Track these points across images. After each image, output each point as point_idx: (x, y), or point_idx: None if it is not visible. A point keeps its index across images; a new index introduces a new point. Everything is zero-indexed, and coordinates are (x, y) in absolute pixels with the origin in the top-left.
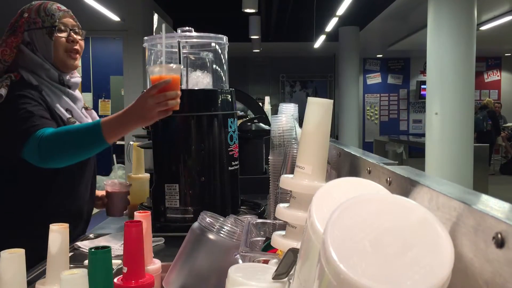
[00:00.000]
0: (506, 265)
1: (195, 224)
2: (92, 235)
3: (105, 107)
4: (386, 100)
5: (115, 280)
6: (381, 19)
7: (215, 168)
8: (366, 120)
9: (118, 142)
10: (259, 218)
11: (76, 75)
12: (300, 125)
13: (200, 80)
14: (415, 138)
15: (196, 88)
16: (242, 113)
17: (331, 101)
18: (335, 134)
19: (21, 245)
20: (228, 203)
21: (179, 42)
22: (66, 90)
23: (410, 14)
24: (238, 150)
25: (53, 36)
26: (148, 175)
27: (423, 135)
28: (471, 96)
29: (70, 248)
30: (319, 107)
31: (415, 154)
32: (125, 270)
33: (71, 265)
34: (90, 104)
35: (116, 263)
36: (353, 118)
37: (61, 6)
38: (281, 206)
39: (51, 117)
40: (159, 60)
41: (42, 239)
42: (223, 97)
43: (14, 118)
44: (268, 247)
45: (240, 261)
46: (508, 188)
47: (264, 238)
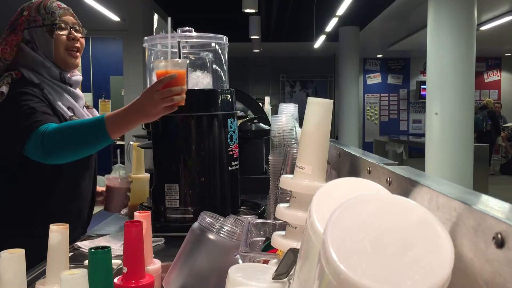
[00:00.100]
0: (506, 265)
1: (195, 224)
2: (92, 235)
3: (105, 107)
4: (386, 100)
5: (115, 280)
6: (381, 19)
7: (215, 168)
8: (366, 120)
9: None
10: (259, 218)
11: (77, 73)
12: (300, 125)
13: (200, 80)
14: (415, 138)
15: (196, 88)
16: (242, 113)
17: (331, 101)
18: (335, 134)
19: (21, 245)
20: (228, 203)
21: (179, 42)
22: (68, 88)
23: (410, 14)
24: (238, 150)
25: (53, 34)
26: (148, 175)
27: (423, 135)
28: (471, 96)
29: (70, 248)
30: (319, 107)
31: (415, 154)
32: (125, 270)
33: (71, 265)
34: (90, 104)
35: (116, 263)
36: (353, 118)
37: (61, 4)
38: (281, 206)
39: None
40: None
41: (42, 239)
42: (223, 97)
43: (17, 114)
44: (268, 247)
45: (240, 261)
46: (508, 188)
47: (264, 238)
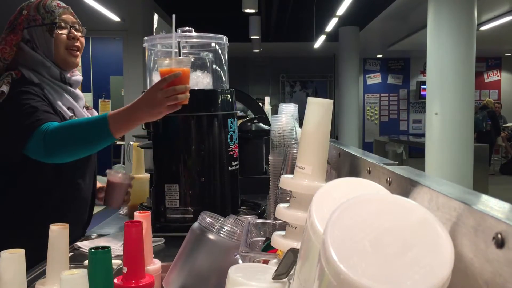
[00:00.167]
0: (506, 265)
1: (195, 224)
2: (92, 235)
3: (105, 107)
4: (386, 100)
5: (115, 280)
6: (381, 19)
7: (215, 168)
8: (366, 120)
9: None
10: (259, 218)
11: (77, 73)
12: (300, 125)
13: (200, 80)
14: (415, 138)
15: (196, 88)
16: (242, 113)
17: (331, 101)
18: (335, 134)
19: (21, 245)
20: (228, 203)
21: (179, 42)
22: (68, 88)
23: (410, 14)
24: (238, 150)
25: (53, 33)
26: (148, 175)
27: (423, 135)
28: (471, 96)
29: (70, 248)
30: (319, 107)
31: (415, 154)
32: (125, 270)
33: (71, 265)
34: (90, 104)
35: (116, 263)
36: (353, 118)
37: (60, 3)
38: (281, 206)
39: None
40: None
41: (42, 239)
42: (223, 97)
43: (18, 113)
44: (268, 247)
45: (240, 261)
46: (508, 188)
47: (264, 238)
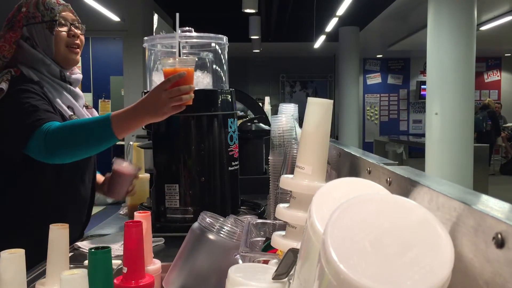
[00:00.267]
0: (506, 265)
1: (195, 224)
2: (92, 235)
3: (105, 107)
4: (386, 100)
5: (115, 280)
6: (381, 19)
7: (215, 168)
8: (366, 120)
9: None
10: (259, 218)
11: (77, 71)
12: (300, 125)
13: (200, 80)
14: (415, 138)
15: (196, 88)
16: (242, 113)
17: (331, 101)
18: (335, 134)
19: (21, 245)
20: (228, 203)
21: (179, 42)
22: (68, 86)
23: (410, 14)
24: (238, 150)
25: (54, 31)
26: (148, 175)
27: (423, 135)
28: (471, 96)
29: (70, 248)
30: (319, 107)
31: (415, 154)
32: (125, 270)
33: (71, 265)
34: (90, 104)
35: (116, 263)
36: (353, 118)
37: (60, 0)
38: (281, 206)
39: None
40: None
41: (42, 239)
42: (223, 97)
43: (18, 112)
44: (268, 247)
45: (240, 261)
46: (508, 188)
47: (264, 238)
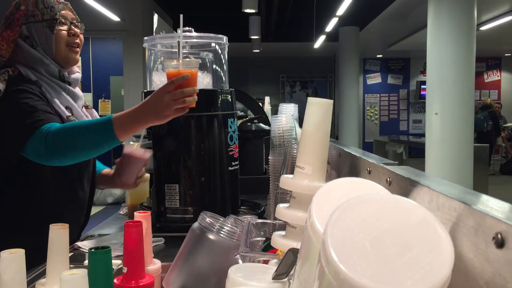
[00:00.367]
0: (506, 265)
1: (195, 224)
2: (92, 235)
3: (105, 107)
4: (386, 100)
5: (115, 280)
6: (381, 19)
7: (215, 168)
8: (366, 120)
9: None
10: (259, 218)
11: (76, 70)
12: (300, 125)
13: (200, 80)
14: (415, 138)
15: None
16: (242, 113)
17: (331, 101)
18: (335, 134)
19: (21, 245)
20: (228, 203)
21: (179, 42)
22: (66, 86)
23: (410, 14)
24: (238, 150)
25: (54, 30)
26: (148, 175)
27: (423, 135)
28: (471, 96)
29: (70, 248)
30: (319, 107)
31: (415, 154)
32: (125, 270)
33: (71, 265)
34: (90, 104)
35: (116, 263)
36: (353, 118)
37: None
38: (281, 206)
39: None
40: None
41: (42, 239)
42: (223, 97)
43: (16, 113)
44: (268, 247)
45: (240, 261)
46: (508, 188)
47: (264, 238)
